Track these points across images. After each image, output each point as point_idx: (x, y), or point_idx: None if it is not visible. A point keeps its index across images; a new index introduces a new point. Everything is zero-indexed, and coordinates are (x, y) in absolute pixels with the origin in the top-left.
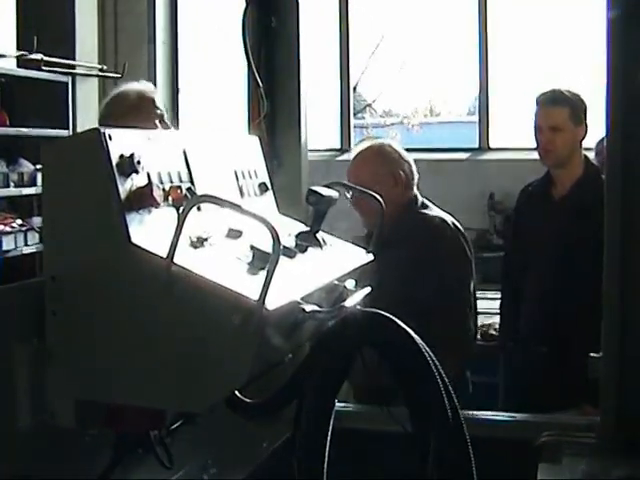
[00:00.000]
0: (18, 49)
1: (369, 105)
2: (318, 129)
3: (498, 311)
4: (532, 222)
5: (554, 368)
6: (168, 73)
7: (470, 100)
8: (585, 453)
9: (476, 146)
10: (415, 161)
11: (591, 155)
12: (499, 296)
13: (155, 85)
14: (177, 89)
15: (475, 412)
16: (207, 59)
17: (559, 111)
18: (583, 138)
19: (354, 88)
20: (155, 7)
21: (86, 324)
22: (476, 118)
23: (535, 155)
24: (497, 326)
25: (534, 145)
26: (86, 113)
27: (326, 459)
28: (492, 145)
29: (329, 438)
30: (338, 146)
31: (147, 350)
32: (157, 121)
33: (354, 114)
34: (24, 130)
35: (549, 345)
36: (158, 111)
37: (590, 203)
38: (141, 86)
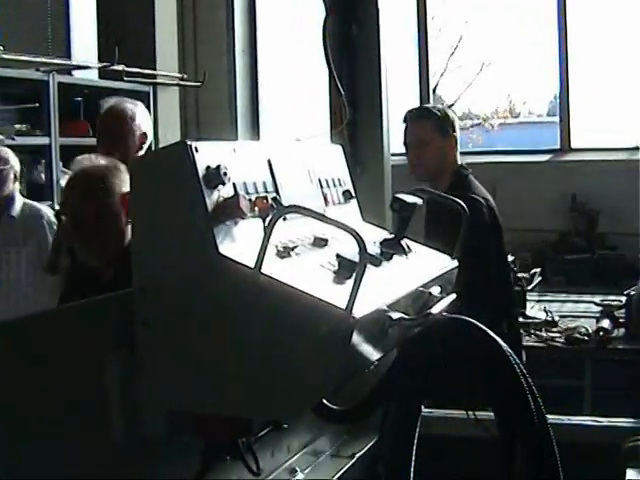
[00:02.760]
0: (100, 60)
1: (449, 107)
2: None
3: (582, 314)
4: None
5: None
6: (248, 81)
7: (550, 100)
8: None
9: (557, 147)
10: (496, 163)
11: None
12: (584, 299)
13: (235, 93)
14: (257, 97)
15: (561, 417)
16: (288, 68)
17: (425, 124)
18: (453, 149)
19: (434, 90)
20: (234, 16)
21: (175, 335)
22: (556, 118)
23: (617, 155)
24: (582, 329)
25: (616, 145)
26: (167, 122)
27: (412, 465)
28: (573, 146)
29: (415, 444)
30: None
31: (235, 359)
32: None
33: None
34: None
35: None
36: (128, 127)
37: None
38: (112, 103)
